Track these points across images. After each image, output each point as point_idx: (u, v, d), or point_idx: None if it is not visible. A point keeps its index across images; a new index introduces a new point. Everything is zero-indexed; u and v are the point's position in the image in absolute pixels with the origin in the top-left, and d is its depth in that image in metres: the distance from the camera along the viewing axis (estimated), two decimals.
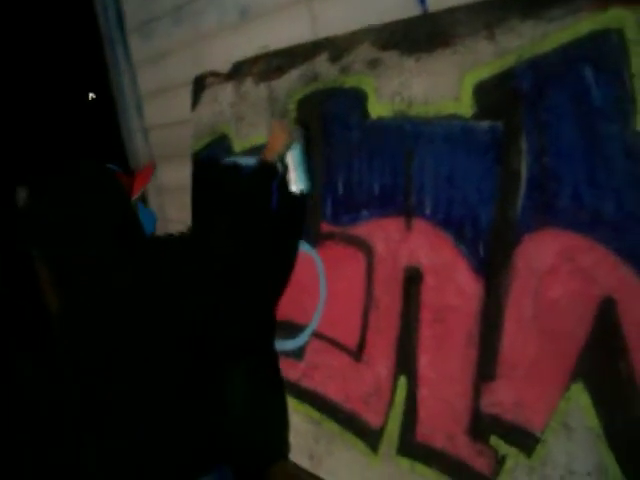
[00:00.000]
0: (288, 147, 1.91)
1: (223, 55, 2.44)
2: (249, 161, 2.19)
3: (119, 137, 3.30)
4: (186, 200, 2.61)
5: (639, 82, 1.27)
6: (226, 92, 2.41)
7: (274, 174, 1.90)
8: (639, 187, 1.30)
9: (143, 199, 2.51)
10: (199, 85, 2.57)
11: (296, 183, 1.95)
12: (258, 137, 2.26)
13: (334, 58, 1.94)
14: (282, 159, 1.92)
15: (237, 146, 2.37)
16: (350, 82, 1.88)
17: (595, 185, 1.36)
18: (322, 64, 1.98)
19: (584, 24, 1.34)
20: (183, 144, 2.80)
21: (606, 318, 1.36)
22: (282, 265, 2.14)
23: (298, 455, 2.15)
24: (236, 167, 2.29)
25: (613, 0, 1.28)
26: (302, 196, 1.99)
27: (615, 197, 1.33)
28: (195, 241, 1.74)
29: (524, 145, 1.47)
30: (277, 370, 2.18)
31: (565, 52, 1.38)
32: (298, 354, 2.13)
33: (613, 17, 1.29)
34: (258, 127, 2.26)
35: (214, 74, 2.48)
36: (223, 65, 2.43)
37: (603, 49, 1.32)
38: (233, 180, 2.15)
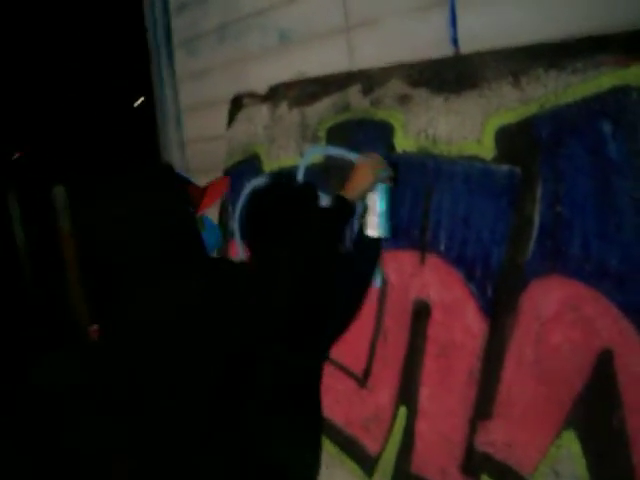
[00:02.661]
0: (372, 188, 1.76)
1: (261, 76, 2.52)
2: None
3: (156, 148, 3.39)
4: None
5: None
6: (261, 114, 2.48)
7: (351, 214, 1.73)
8: None
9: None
10: (236, 104, 2.64)
11: (376, 228, 1.79)
12: (287, 159, 2.33)
13: (366, 90, 1.99)
14: (363, 199, 1.78)
15: (267, 167, 2.43)
16: (380, 115, 1.93)
17: (604, 237, 1.38)
18: (354, 95, 2.03)
19: (606, 78, 1.36)
20: (219, 159, 2.88)
21: (604, 369, 1.37)
22: (344, 310, 1.96)
23: None
24: (310, 196, 2.14)
25: (635, 57, 1.31)
26: (378, 241, 1.85)
27: (622, 251, 1.35)
28: (259, 272, 1.54)
29: (539, 192, 1.50)
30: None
31: (586, 104, 1.40)
32: None
33: (634, 74, 1.31)
34: (288, 150, 2.32)
35: (251, 95, 2.56)
36: (261, 86, 2.50)
37: (623, 104, 1.34)
38: (306, 213, 1.88)
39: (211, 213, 1.56)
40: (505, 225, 1.58)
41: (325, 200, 2.06)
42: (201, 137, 3.06)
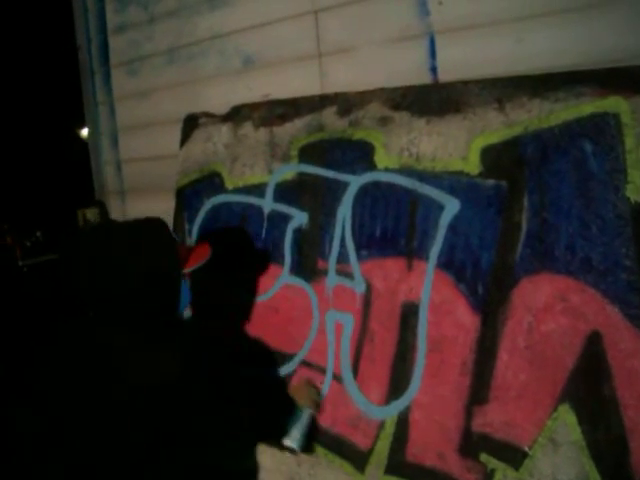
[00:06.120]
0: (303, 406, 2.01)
1: (219, 98, 2.61)
2: None
3: (86, 167, 3.35)
4: None
5: (631, 158, 1.56)
6: (221, 133, 2.56)
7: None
8: (624, 241, 1.58)
9: None
10: (190, 124, 2.71)
11: (293, 440, 1.96)
12: (253, 177, 2.43)
13: (343, 112, 2.15)
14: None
15: (229, 184, 2.52)
16: (359, 135, 2.10)
17: (587, 238, 1.63)
18: (329, 116, 2.19)
19: (586, 107, 1.63)
20: (159, 178, 2.92)
21: (593, 349, 1.62)
22: None
23: (278, 479, 2.25)
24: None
25: (613, 90, 1.58)
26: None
27: (604, 248, 1.61)
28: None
29: (526, 201, 1.73)
30: None
31: (568, 127, 1.66)
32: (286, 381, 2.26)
33: (612, 103, 1.59)
34: (254, 167, 2.43)
35: (208, 114, 2.64)
36: (218, 108, 2.59)
37: (601, 128, 1.61)
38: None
39: None
40: (493, 232, 1.79)
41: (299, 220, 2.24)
42: (140, 157, 3.08)
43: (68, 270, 1.51)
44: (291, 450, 1.98)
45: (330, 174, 2.17)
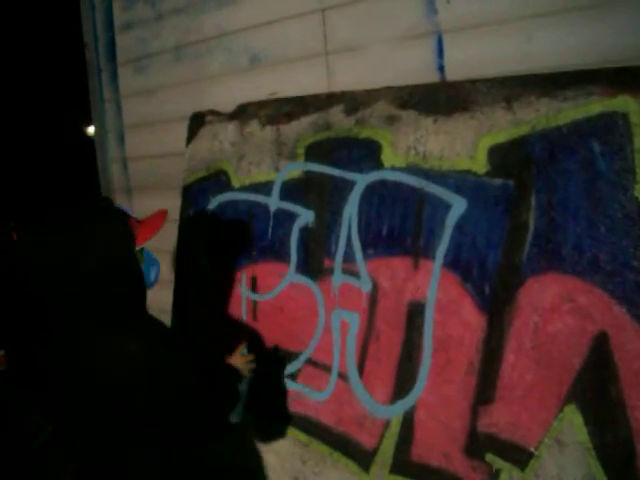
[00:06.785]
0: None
1: (225, 96, 2.61)
2: None
3: (93, 164, 3.35)
4: None
5: (639, 158, 1.55)
6: (228, 131, 2.56)
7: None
8: (632, 241, 1.57)
9: None
10: (197, 121, 2.71)
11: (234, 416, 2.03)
12: (259, 175, 2.43)
13: (349, 110, 2.15)
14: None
15: (236, 182, 2.52)
16: (365, 133, 2.09)
17: (595, 238, 1.62)
18: (336, 115, 2.18)
19: (595, 106, 1.62)
20: (166, 176, 2.92)
21: (600, 350, 1.61)
22: None
23: (282, 477, 2.25)
24: None
25: (622, 89, 1.57)
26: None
27: (611, 248, 1.60)
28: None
29: (533, 201, 1.72)
30: None
31: (576, 127, 1.65)
32: (291, 379, 2.26)
33: (621, 103, 1.58)
34: (260, 166, 2.43)
35: (214, 112, 2.63)
36: (224, 105, 2.59)
37: (610, 128, 1.60)
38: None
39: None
40: (500, 231, 1.79)
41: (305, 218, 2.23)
42: (146, 154, 3.08)
43: (23, 267, 1.45)
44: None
45: (337, 172, 2.16)
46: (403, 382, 1.97)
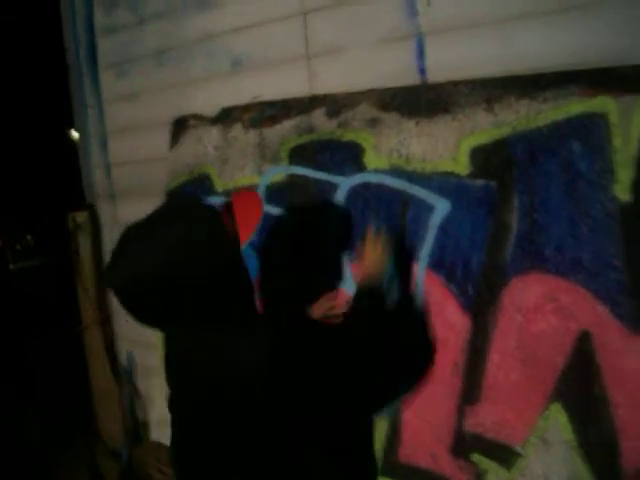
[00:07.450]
0: (387, 269, 1.72)
1: (207, 100, 2.60)
2: None
3: (75, 170, 3.34)
4: None
5: (619, 158, 1.57)
6: (211, 135, 2.56)
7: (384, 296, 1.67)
8: (614, 241, 1.58)
9: None
10: (180, 126, 2.70)
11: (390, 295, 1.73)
12: (243, 179, 2.42)
13: (332, 113, 2.15)
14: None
15: (219, 186, 2.51)
16: (348, 136, 2.10)
17: (577, 238, 1.64)
18: (319, 118, 2.19)
19: (575, 107, 1.63)
20: (149, 182, 2.91)
21: (582, 348, 1.63)
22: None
23: None
24: None
25: (601, 90, 1.58)
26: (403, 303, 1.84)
27: (594, 248, 1.61)
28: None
29: (516, 202, 1.74)
30: None
31: (556, 128, 1.67)
32: None
33: (600, 103, 1.59)
34: (244, 169, 2.42)
35: (197, 117, 2.63)
36: (207, 110, 2.59)
37: (590, 128, 1.61)
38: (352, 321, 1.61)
39: None
40: (483, 232, 1.80)
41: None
42: (129, 160, 3.06)
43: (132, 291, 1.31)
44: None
45: (320, 175, 2.16)
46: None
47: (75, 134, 3.15)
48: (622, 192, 1.57)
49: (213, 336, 1.34)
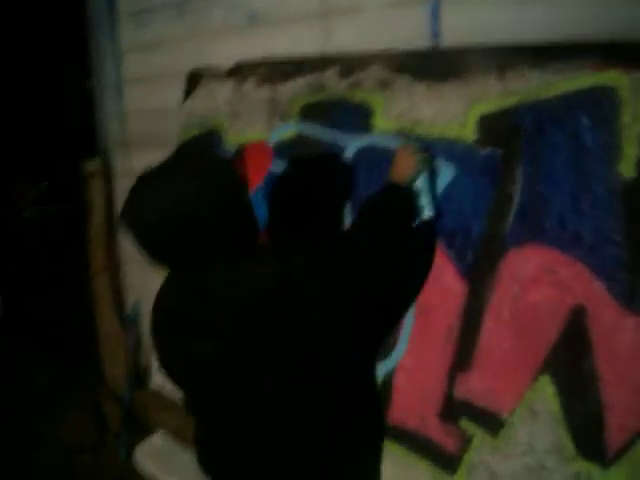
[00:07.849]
0: (417, 174, 1.74)
1: (223, 53, 2.59)
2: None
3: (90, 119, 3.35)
4: None
5: (626, 134, 1.54)
6: (224, 89, 2.55)
7: (410, 198, 1.72)
8: (615, 217, 1.57)
9: None
10: (194, 78, 2.70)
11: (423, 210, 1.77)
12: (253, 134, 2.43)
13: (344, 73, 2.13)
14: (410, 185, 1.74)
15: (230, 140, 2.52)
16: (358, 97, 2.08)
17: (578, 212, 1.63)
18: (331, 77, 2.17)
19: (586, 79, 1.60)
20: (164, 132, 2.91)
21: (576, 322, 1.63)
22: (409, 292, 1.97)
23: None
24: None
25: (614, 63, 1.56)
26: (431, 222, 1.83)
27: (594, 223, 1.60)
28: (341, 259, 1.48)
29: (519, 172, 1.72)
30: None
31: (566, 99, 1.64)
32: None
33: (612, 78, 1.56)
34: (254, 125, 2.42)
35: (211, 70, 2.62)
36: (222, 63, 2.58)
37: (599, 102, 1.59)
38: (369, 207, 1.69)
39: None
40: (485, 201, 1.79)
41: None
42: (145, 109, 3.07)
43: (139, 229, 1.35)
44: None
45: (328, 135, 2.16)
46: (384, 345, 2.00)
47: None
48: (627, 169, 1.55)
49: (225, 269, 1.37)
